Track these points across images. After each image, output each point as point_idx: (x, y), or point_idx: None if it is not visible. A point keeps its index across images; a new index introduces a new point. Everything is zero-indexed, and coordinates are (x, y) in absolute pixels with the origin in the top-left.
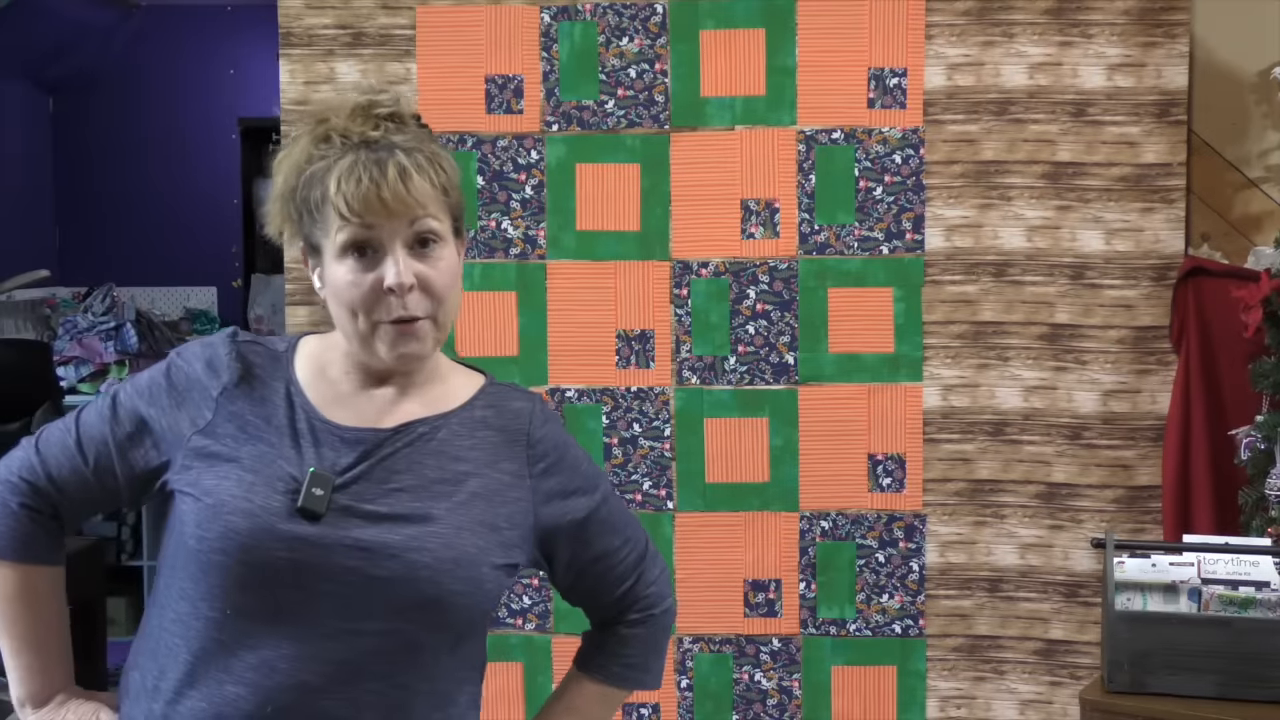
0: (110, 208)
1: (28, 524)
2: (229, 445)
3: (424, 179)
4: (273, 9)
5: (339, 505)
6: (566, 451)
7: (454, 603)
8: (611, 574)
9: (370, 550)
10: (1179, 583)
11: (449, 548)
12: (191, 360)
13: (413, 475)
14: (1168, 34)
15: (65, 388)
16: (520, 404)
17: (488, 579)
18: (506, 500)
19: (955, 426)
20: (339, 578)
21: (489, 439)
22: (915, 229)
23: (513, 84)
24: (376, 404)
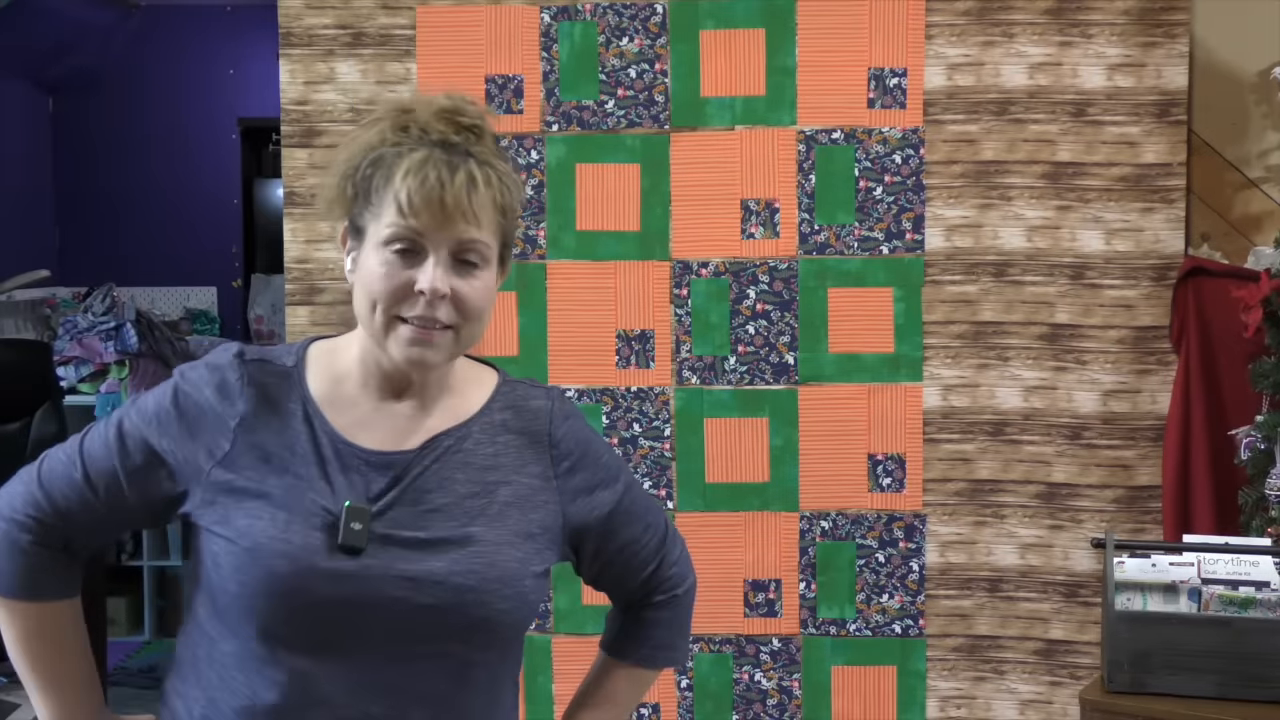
0: (110, 208)
1: (39, 561)
2: (254, 479)
3: (489, 194)
4: (273, 9)
5: (377, 534)
6: (589, 447)
7: (502, 620)
8: (636, 560)
9: (415, 580)
10: (1179, 583)
11: (492, 567)
12: (200, 386)
13: (444, 493)
14: (1168, 34)
15: (65, 388)
16: (538, 402)
17: (531, 590)
18: (536, 505)
19: (955, 426)
20: (386, 609)
21: (512, 443)
22: (915, 229)
23: (513, 84)
24: (398, 421)
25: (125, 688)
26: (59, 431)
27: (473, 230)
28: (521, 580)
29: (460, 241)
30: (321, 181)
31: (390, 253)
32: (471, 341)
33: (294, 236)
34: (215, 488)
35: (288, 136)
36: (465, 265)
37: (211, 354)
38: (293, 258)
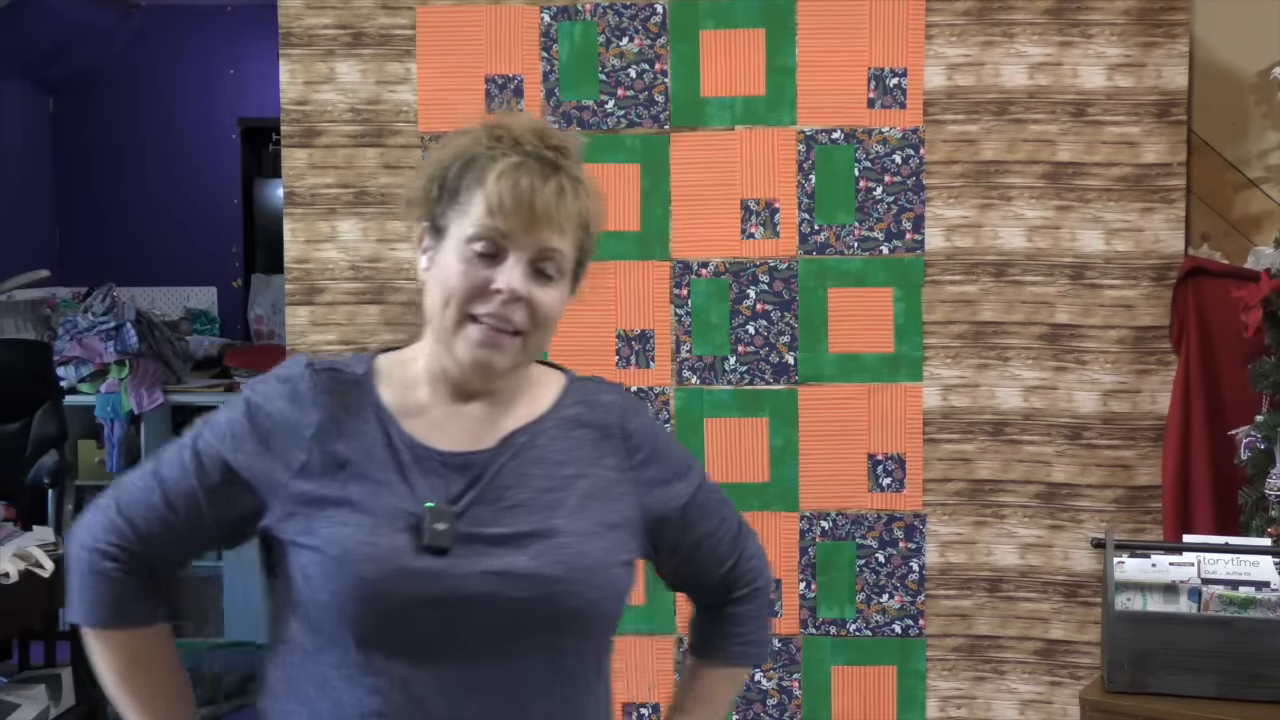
0: (110, 208)
1: (125, 588)
2: (334, 487)
3: (576, 206)
4: (273, 9)
5: (461, 534)
6: (661, 440)
7: (594, 610)
8: (714, 555)
9: (503, 574)
10: (1179, 583)
11: (579, 557)
12: (272, 398)
13: (523, 489)
14: (1168, 34)
15: (65, 388)
16: (608, 398)
17: (620, 579)
18: (615, 496)
19: (955, 426)
20: (477, 606)
21: (585, 437)
22: (915, 229)
23: (513, 84)
24: (470, 423)
25: None
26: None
27: (556, 239)
28: (609, 569)
29: (542, 248)
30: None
31: (472, 250)
32: (538, 351)
33: (294, 236)
34: (295, 499)
35: (288, 136)
36: (542, 275)
37: (281, 367)
38: (293, 258)
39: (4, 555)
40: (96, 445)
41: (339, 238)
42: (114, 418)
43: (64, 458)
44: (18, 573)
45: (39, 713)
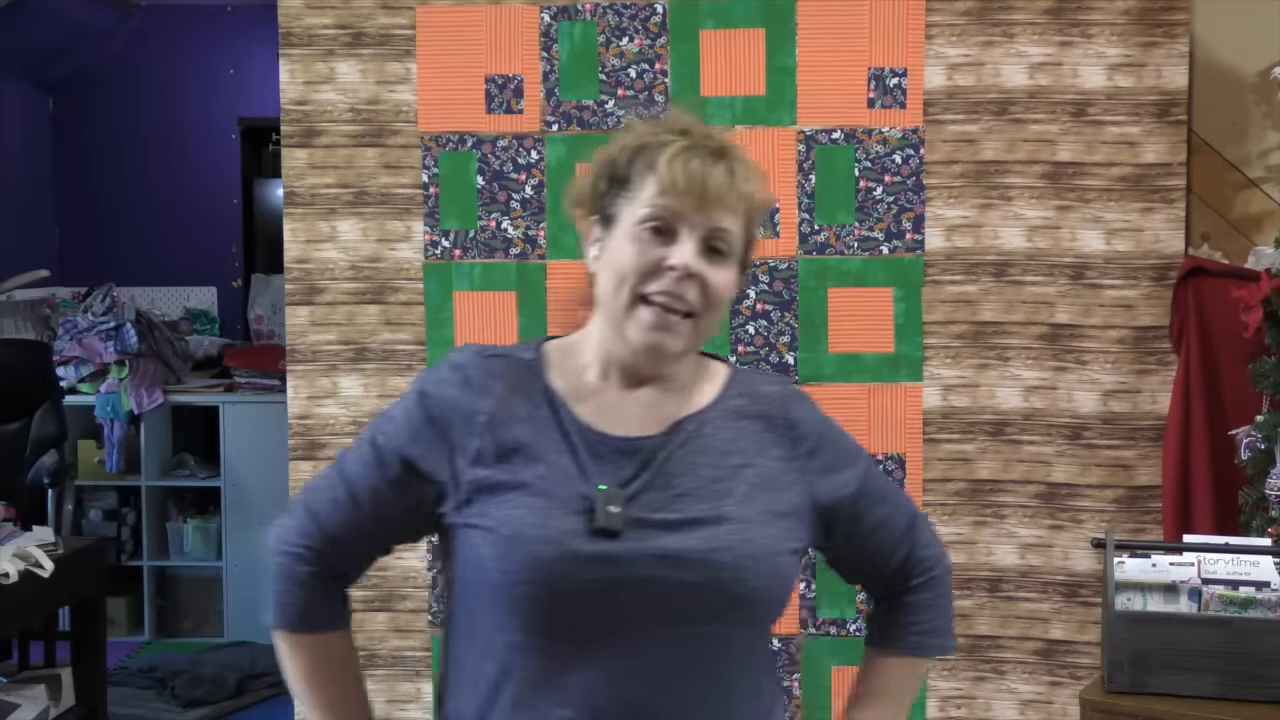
0: (110, 208)
1: (317, 593)
2: (508, 471)
3: (745, 188)
4: (273, 9)
5: (631, 518)
6: (827, 428)
7: (760, 597)
8: (889, 541)
9: (673, 558)
10: (1179, 583)
11: (747, 543)
12: (444, 387)
13: (691, 477)
14: (1168, 34)
15: (65, 388)
16: (770, 389)
17: (786, 567)
18: (782, 485)
19: (955, 426)
20: (647, 590)
21: (750, 428)
22: (915, 229)
23: (513, 84)
24: (640, 408)
25: (125, 688)
26: (59, 431)
27: (727, 218)
28: (776, 557)
29: (713, 228)
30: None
31: (644, 230)
32: (708, 334)
33: (294, 236)
34: (471, 487)
35: (288, 136)
36: (714, 253)
37: (452, 355)
38: (293, 258)
39: (4, 555)
40: (96, 445)
41: (339, 238)
42: (114, 418)
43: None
44: (18, 573)
45: (39, 713)
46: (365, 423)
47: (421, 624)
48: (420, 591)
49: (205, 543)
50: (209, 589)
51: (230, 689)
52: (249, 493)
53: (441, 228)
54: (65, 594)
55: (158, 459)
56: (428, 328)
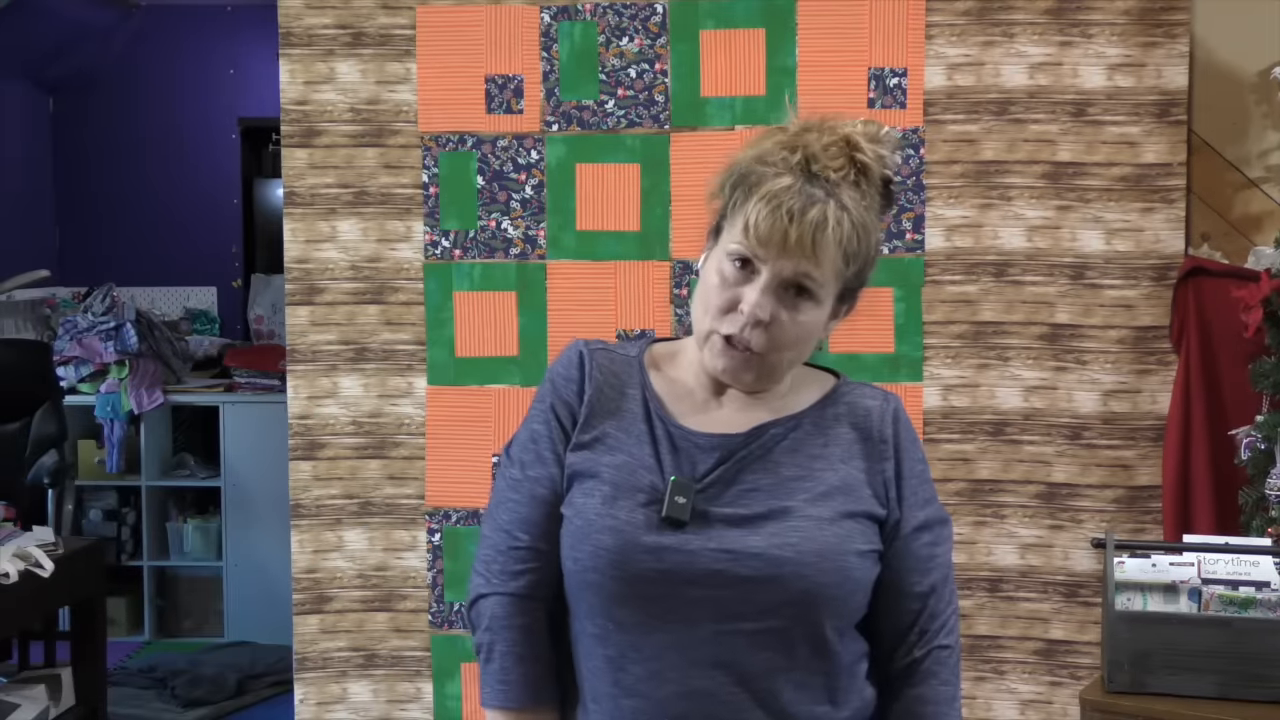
0: (110, 208)
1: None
2: (592, 459)
3: (836, 236)
4: (273, 9)
5: (700, 510)
6: (907, 457)
7: (823, 594)
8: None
9: (735, 552)
10: (1179, 583)
11: (810, 540)
12: (559, 382)
13: (769, 475)
14: (1168, 34)
15: (65, 388)
16: (872, 403)
17: (855, 567)
18: (861, 495)
19: (955, 426)
20: (708, 582)
21: (842, 436)
22: (915, 229)
23: (513, 84)
24: (729, 409)
25: (125, 688)
26: (59, 431)
27: (809, 266)
28: (843, 555)
29: (793, 274)
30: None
31: (730, 263)
32: (787, 367)
33: (294, 236)
34: (569, 473)
35: (288, 136)
36: (799, 293)
37: (565, 350)
38: (293, 258)
39: (4, 555)
40: (96, 445)
41: (339, 238)
42: (114, 418)
43: (64, 458)
44: (17, 573)
45: (39, 713)
46: (365, 423)
47: (422, 624)
48: (420, 591)
49: (205, 543)
50: (209, 589)
51: (230, 689)
52: (249, 493)
53: (441, 228)
54: (65, 594)
55: (158, 459)
56: (428, 328)
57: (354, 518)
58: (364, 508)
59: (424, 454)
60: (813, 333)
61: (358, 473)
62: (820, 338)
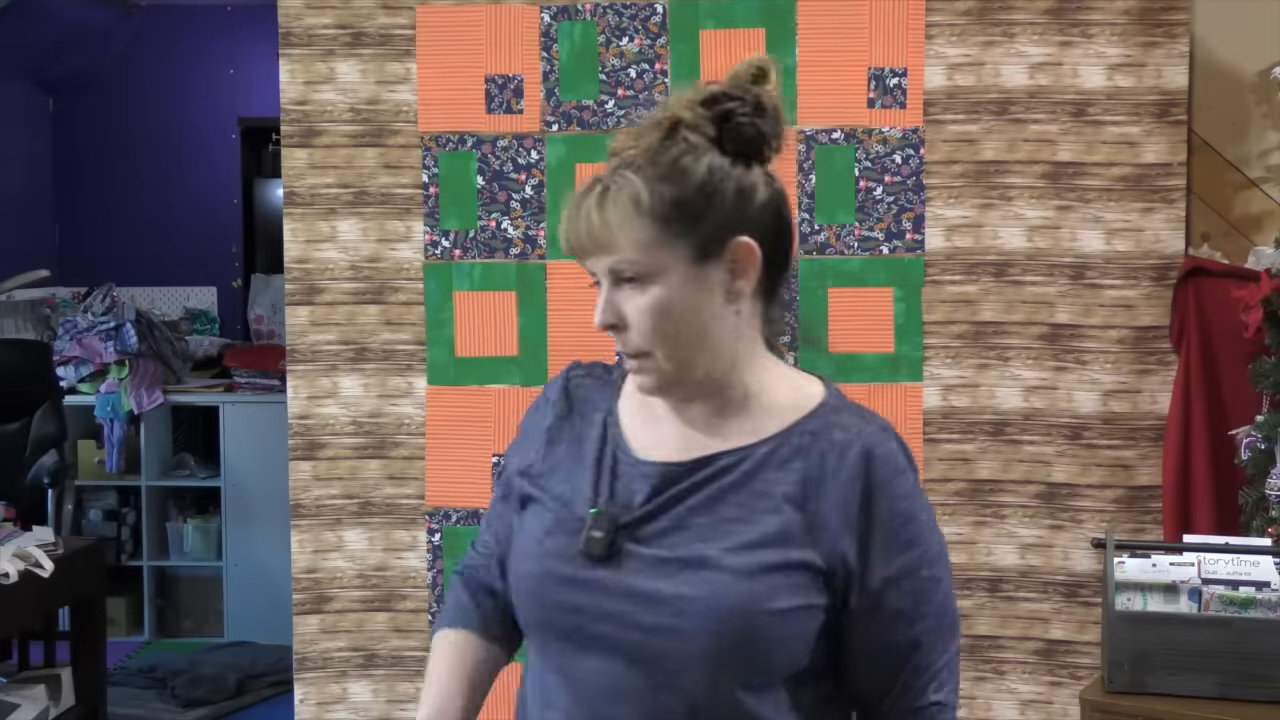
0: (110, 208)
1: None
2: (540, 486)
3: (619, 211)
4: (273, 9)
5: (622, 546)
6: (879, 499)
7: (726, 655)
8: (897, 654)
9: (642, 597)
10: (1179, 583)
11: (720, 596)
12: (538, 405)
13: (705, 514)
14: (1168, 34)
15: (65, 388)
16: (842, 435)
17: (768, 627)
18: (800, 543)
19: (955, 426)
20: (615, 623)
21: (796, 471)
22: (915, 229)
23: (513, 84)
24: (689, 432)
25: (125, 688)
26: (59, 431)
27: (612, 254)
28: (752, 615)
29: (609, 269)
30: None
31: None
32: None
33: (294, 236)
34: (519, 498)
35: (288, 136)
36: (629, 282)
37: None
38: (293, 258)
39: (4, 555)
40: (96, 445)
41: (339, 238)
42: (114, 418)
43: (64, 458)
44: (17, 573)
45: (39, 713)
46: (365, 423)
47: (422, 624)
48: (420, 591)
49: (205, 543)
50: (209, 589)
51: (230, 689)
52: (249, 493)
53: (441, 228)
54: (65, 594)
55: (158, 459)
56: (428, 328)
57: (354, 518)
58: (364, 508)
59: (424, 454)
60: (675, 303)
61: (358, 473)
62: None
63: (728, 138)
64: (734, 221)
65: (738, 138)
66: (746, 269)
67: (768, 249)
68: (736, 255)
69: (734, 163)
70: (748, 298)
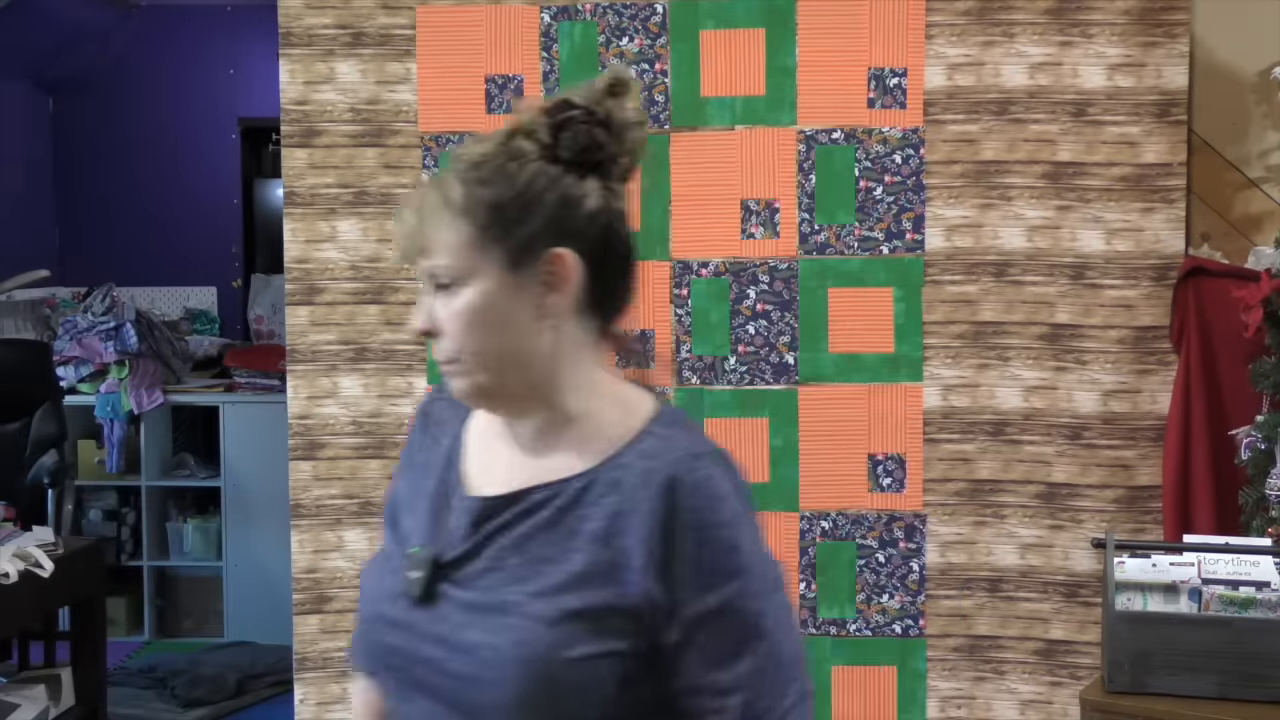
0: (110, 208)
1: None
2: (391, 520)
3: (436, 214)
4: (273, 9)
5: (443, 588)
6: (682, 532)
7: (525, 706)
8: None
9: (446, 643)
10: (1179, 583)
11: (520, 645)
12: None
13: (516, 554)
14: (1168, 34)
15: (65, 388)
16: (653, 463)
17: (567, 675)
18: (604, 585)
19: (955, 426)
20: (427, 668)
21: (610, 506)
22: (915, 229)
23: (513, 84)
24: (516, 458)
25: (125, 688)
26: (59, 431)
27: (430, 258)
28: (549, 664)
29: (429, 275)
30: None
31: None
32: (487, 361)
33: (294, 236)
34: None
35: (288, 136)
36: (445, 289)
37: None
38: (293, 258)
39: (4, 555)
40: (96, 445)
41: (339, 238)
42: (114, 418)
43: (64, 458)
44: (17, 573)
45: (39, 713)
46: (365, 423)
47: None
48: None
49: (205, 543)
50: (209, 589)
51: (230, 689)
52: (249, 493)
53: None
54: (65, 594)
55: (158, 459)
56: None
57: (354, 518)
58: (364, 508)
59: None
60: (494, 320)
61: (358, 473)
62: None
63: (562, 145)
64: (553, 231)
65: (571, 145)
66: (562, 282)
67: (594, 264)
68: (552, 266)
69: (566, 171)
70: (570, 313)
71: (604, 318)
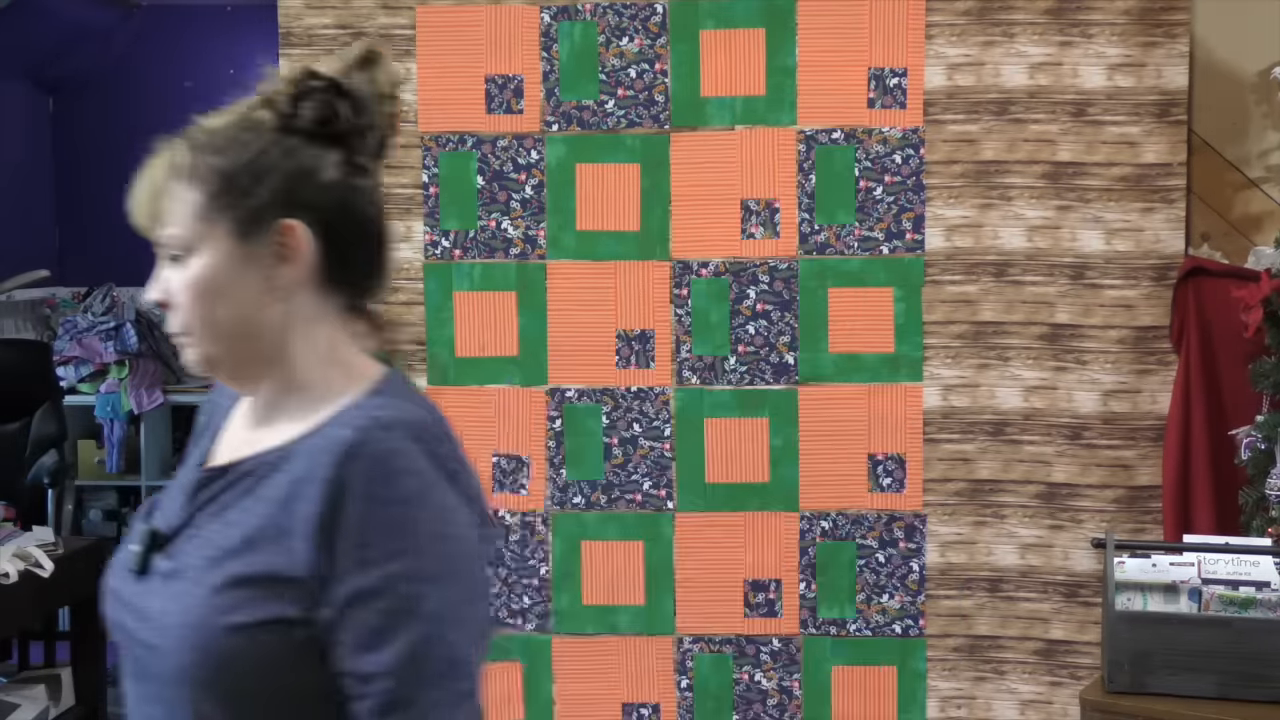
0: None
1: None
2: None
3: (164, 179)
4: (273, 9)
5: (156, 559)
6: (350, 503)
7: (190, 676)
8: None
9: (138, 613)
10: (1179, 583)
11: (186, 612)
12: None
13: (215, 523)
14: (1168, 34)
15: (65, 388)
16: (341, 432)
17: (226, 646)
18: (268, 552)
19: (955, 426)
20: (128, 638)
21: (299, 472)
22: (915, 229)
23: (513, 84)
24: (248, 433)
25: None
26: (59, 431)
27: (162, 230)
28: (210, 632)
29: (161, 247)
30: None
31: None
32: (210, 332)
33: None
34: None
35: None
36: (177, 260)
37: None
38: None
39: (4, 555)
40: (96, 445)
41: None
42: (114, 418)
43: (64, 458)
44: (17, 573)
45: (39, 713)
46: None
47: None
48: None
49: None
50: None
51: None
52: None
53: (441, 228)
54: (65, 594)
55: (158, 459)
56: (428, 328)
57: None
58: None
59: None
60: (222, 291)
61: None
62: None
63: (300, 116)
64: (283, 202)
65: (309, 116)
66: (293, 253)
67: (331, 237)
68: (281, 237)
69: (306, 143)
70: (304, 285)
71: (348, 293)
